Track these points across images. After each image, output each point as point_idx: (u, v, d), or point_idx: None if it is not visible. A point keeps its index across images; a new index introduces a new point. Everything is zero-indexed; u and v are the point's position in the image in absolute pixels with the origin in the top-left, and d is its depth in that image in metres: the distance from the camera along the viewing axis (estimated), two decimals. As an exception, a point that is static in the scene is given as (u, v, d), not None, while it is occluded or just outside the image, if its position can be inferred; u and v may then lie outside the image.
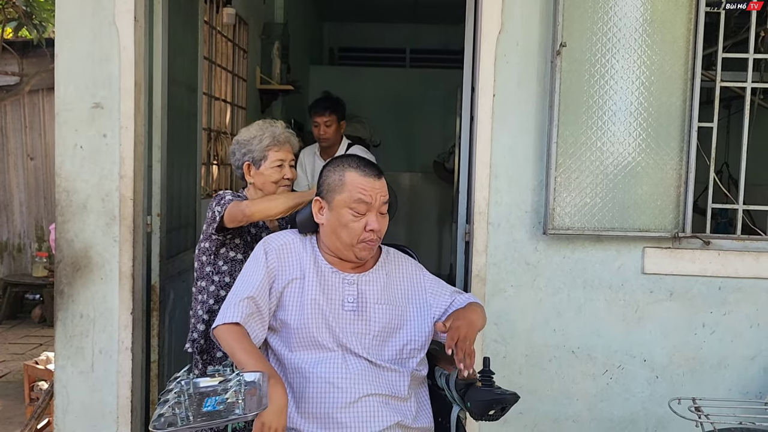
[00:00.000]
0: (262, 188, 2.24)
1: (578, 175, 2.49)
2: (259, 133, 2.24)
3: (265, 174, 2.22)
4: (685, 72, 2.48)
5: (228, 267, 2.25)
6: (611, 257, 2.54)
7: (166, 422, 1.33)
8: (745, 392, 2.53)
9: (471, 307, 1.84)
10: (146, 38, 2.61)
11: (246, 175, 2.25)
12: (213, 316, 2.18)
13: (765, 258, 2.51)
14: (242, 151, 2.24)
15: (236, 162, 2.27)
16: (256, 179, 2.24)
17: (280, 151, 2.23)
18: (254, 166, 2.23)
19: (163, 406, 1.37)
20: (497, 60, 2.52)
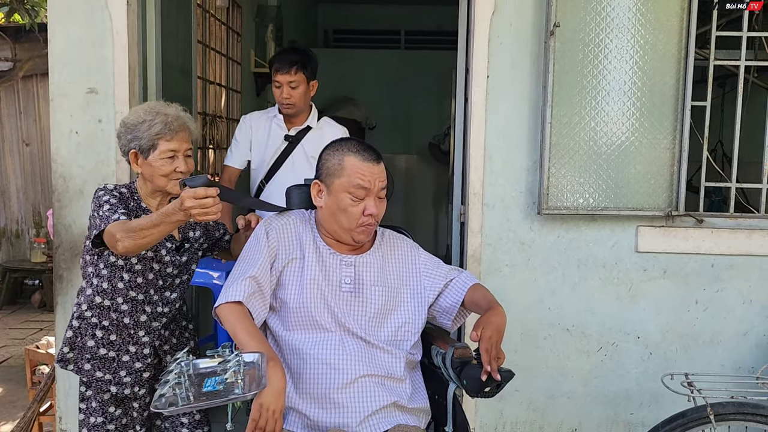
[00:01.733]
0: (150, 180, 1.97)
1: (572, 155, 2.50)
2: (149, 117, 1.94)
3: (153, 165, 1.94)
4: (679, 51, 2.48)
5: (108, 272, 1.98)
6: (605, 236, 2.57)
7: (167, 402, 1.36)
8: (737, 367, 2.57)
9: (495, 310, 1.77)
10: (139, 22, 2.60)
11: (132, 164, 1.98)
12: (83, 323, 1.99)
13: (758, 235, 2.54)
14: (128, 137, 1.95)
15: (122, 148, 1.99)
16: (144, 170, 1.96)
17: (172, 140, 1.93)
18: (141, 155, 1.95)
19: (163, 387, 1.40)
20: (491, 41, 2.52)
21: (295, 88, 2.74)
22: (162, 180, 1.96)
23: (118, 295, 1.99)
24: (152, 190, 2.00)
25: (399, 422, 1.79)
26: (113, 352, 2.00)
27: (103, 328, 2.00)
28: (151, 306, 2.03)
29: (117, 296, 1.99)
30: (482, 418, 2.63)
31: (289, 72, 2.72)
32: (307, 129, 2.85)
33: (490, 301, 1.82)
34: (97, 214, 1.91)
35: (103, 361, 2.00)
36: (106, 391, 2.00)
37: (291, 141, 2.83)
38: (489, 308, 1.77)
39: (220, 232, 2.21)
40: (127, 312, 2.00)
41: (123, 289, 1.99)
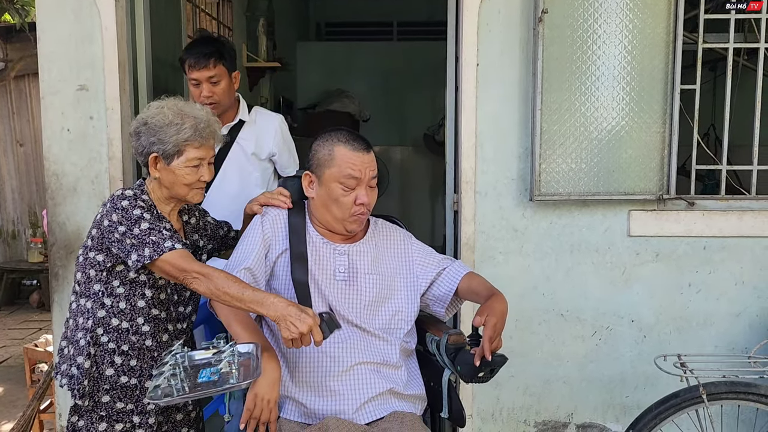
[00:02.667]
0: (169, 187, 1.82)
1: (563, 141, 2.51)
2: (178, 120, 1.77)
3: (177, 173, 1.80)
4: (668, 35, 2.49)
5: (126, 289, 1.82)
6: (597, 221, 2.58)
7: (163, 393, 1.37)
8: (731, 348, 2.59)
9: (497, 297, 1.79)
10: (128, 17, 2.60)
11: (150, 168, 1.82)
12: (100, 350, 1.82)
13: (749, 217, 2.55)
14: (150, 139, 1.78)
15: (140, 148, 1.82)
16: (164, 176, 1.81)
17: (201, 147, 1.79)
18: (164, 160, 1.79)
19: (158, 379, 1.41)
20: (480, 29, 2.52)
21: (216, 83, 2.39)
22: (183, 189, 1.82)
23: (138, 314, 1.82)
24: (168, 196, 1.86)
25: (395, 409, 1.80)
26: (135, 378, 1.83)
27: (122, 354, 1.82)
28: (172, 324, 1.90)
29: (137, 316, 1.82)
30: (479, 404, 2.66)
31: (207, 66, 2.36)
32: (240, 124, 2.53)
33: (489, 289, 1.84)
34: (129, 231, 1.70)
35: (124, 390, 1.83)
36: (128, 422, 1.83)
37: (225, 141, 2.38)
38: (491, 295, 1.78)
39: (224, 230, 2.10)
40: (149, 333, 1.83)
41: (144, 308, 1.83)
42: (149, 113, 1.81)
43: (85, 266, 1.83)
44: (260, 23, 5.32)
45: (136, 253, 1.70)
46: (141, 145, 1.81)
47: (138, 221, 1.73)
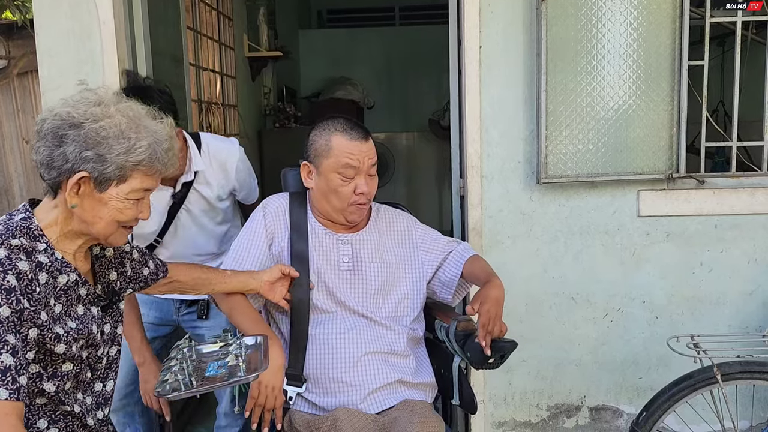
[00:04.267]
0: (88, 223, 1.26)
1: (569, 122, 2.47)
2: (132, 134, 1.24)
3: (109, 205, 1.26)
4: (674, 10, 2.44)
5: None
6: (606, 202, 2.54)
7: (171, 388, 1.36)
8: (744, 327, 2.56)
9: (492, 283, 1.76)
10: (126, 11, 2.57)
11: (68, 192, 1.23)
12: None
13: (761, 193, 2.51)
14: (85, 153, 1.20)
15: (58, 160, 1.21)
16: (86, 207, 1.25)
17: (153, 176, 1.29)
18: (95, 185, 1.24)
19: (166, 373, 1.40)
20: (482, 11, 2.48)
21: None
22: (109, 227, 1.28)
23: None
24: (78, 232, 1.29)
25: (405, 398, 1.79)
26: None
27: None
28: None
29: None
30: (491, 390, 2.64)
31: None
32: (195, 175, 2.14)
33: (488, 274, 1.81)
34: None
35: None
36: None
37: (179, 196, 2.15)
38: (487, 281, 1.76)
39: (150, 269, 1.53)
40: None
41: None
42: (87, 111, 1.23)
43: None
44: (261, 12, 5.28)
45: None
46: (63, 156, 1.21)
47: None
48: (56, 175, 1.23)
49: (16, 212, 1.27)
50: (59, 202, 1.26)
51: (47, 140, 1.22)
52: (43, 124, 1.23)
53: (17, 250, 1.19)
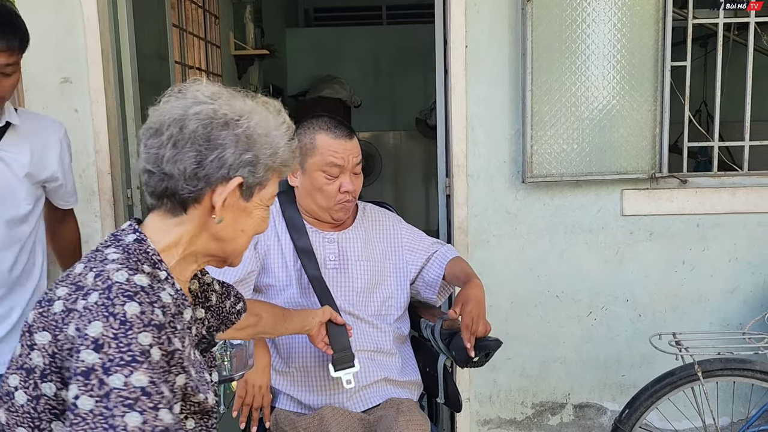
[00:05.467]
0: (228, 240, 1.08)
1: (554, 122, 2.49)
2: (275, 131, 1.07)
3: (253, 214, 1.08)
4: (657, 11, 2.46)
5: None
6: (590, 201, 2.57)
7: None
8: (725, 325, 2.59)
9: (472, 283, 1.76)
10: (110, 7, 2.55)
11: (221, 202, 1.02)
12: None
13: (741, 193, 2.54)
14: (246, 156, 1.02)
15: (213, 167, 1.01)
16: (231, 220, 1.06)
17: (279, 179, 1.13)
18: (243, 193, 1.05)
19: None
20: (467, 10, 2.49)
21: (10, 75, 1.68)
22: (249, 241, 1.12)
23: None
24: (208, 254, 1.09)
25: (391, 396, 1.80)
26: None
27: None
28: None
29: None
30: (476, 388, 2.66)
31: (11, 50, 1.64)
32: (6, 126, 1.77)
33: (468, 275, 1.82)
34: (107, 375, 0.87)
35: None
36: None
37: None
38: (466, 281, 1.77)
39: (230, 301, 1.31)
40: None
41: None
42: (238, 107, 1.03)
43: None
44: (247, 10, 5.26)
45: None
46: (219, 160, 1.01)
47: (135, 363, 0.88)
48: (203, 185, 1.00)
49: (122, 233, 1.03)
50: (189, 218, 1.03)
51: (195, 145, 0.99)
52: (182, 128, 0.99)
53: (154, 278, 0.97)
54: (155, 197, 1.02)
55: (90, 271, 0.95)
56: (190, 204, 1.02)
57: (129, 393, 0.84)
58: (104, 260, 0.97)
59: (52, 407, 0.92)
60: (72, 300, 0.93)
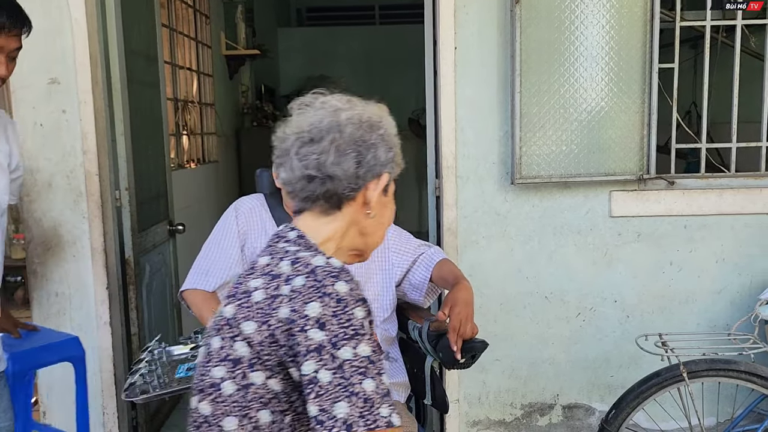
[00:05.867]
0: (371, 234, 1.17)
1: (543, 124, 2.50)
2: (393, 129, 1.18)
3: (388, 207, 1.19)
4: (645, 13, 2.47)
5: None
6: (579, 203, 2.58)
7: (139, 390, 1.36)
8: (713, 325, 2.61)
9: (460, 285, 1.76)
10: (98, 9, 2.54)
11: (377, 197, 1.13)
12: None
13: (728, 194, 2.56)
14: (390, 153, 1.14)
15: (369, 166, 1.11)
16: (379, 213, 1.16)
17: None
18: (385, 189, 1.16)
19: (134, 376, 1.39)
20: (457, 12, 2.49)
21: (15, 58, 1.71)
22: (381, 236, 1.19)
23: None
24: (347, 248, 1.17)
25: (378, 397, 1.80)
26: None
27: None
28: None
29: None
30: (465, 389, 2.66)
31: (20, 36, 1.68)
32: None
33: (456, 276, 1.82)
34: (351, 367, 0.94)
35: None
36: None
37: None
38: (455, 284, 1.77)
39: None
40: None
41: None
42: (374, 111, 1.14)
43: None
44: (239, 10, 5.26)
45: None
46: (375, 159, 1.11)
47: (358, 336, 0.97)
48: (361, 183, 1.10)
49: (282, 231, 1.11)
50: (342, 215, 1.11)
51: (355, 146, 1.09)
52: (341, 133, 1.08)
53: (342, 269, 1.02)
54: (310, 200, 1.10)
55: (281, 261, 1.03)
56: (345, 202, 1.10)
57: (359, 363, 0.93)
58: (287, 251, 1.05)
59: (261, 396, 0.98)
60: (273, 287, 0.99)
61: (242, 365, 0.98)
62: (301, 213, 1.12)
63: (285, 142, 1.11)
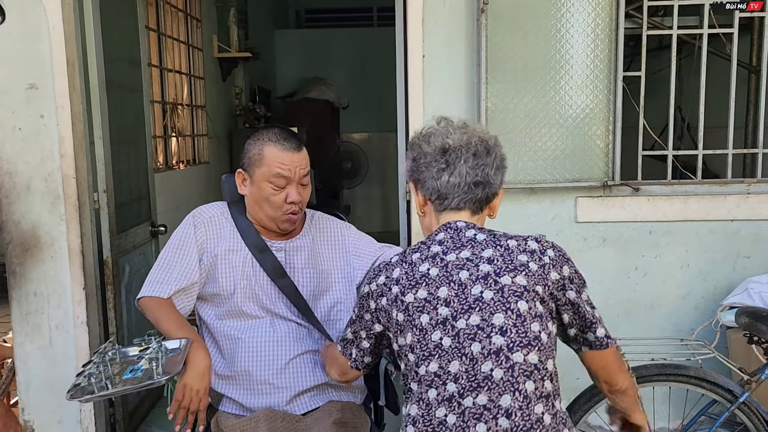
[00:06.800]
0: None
1: (509, 130, 2.54)
2: None
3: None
4: (610, 22, 2.51)
5: None
6: (545, 208, 2.62)
7: (84, 391, 1.41)
8: (677, 330, 2.64)
9: None
10: (77, 14, 2.61)
11: (497, 205, 1.50)
12: None
13: (693, 201, 2.59)
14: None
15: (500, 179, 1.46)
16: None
17: None
18: None
19: (80, 377, 1.45)
20: (425, 20, 2.54)
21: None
22: None
23: None
24: None
25: (332, 399, 1.85)
26: None
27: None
28: None
29: None
30: (434, 390, 2.70)
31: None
32: None
33: None
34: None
35: None
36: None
37: None
38: None
39: None
40: None
41: None
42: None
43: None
44: (231, 13, 5.32)
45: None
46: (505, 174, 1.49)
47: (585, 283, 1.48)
48: (495, 191, 1.44)
49: (465, 229, 1.41)
50: (482, 216, 1.47)
51: (504, 163, 1.45)
52: (498, 150, 1.43)
53: None
54: (471, 202, 1.41)
55: (507, 241, 1.38)
56: (485, 206, 1.45)
57: (591, 299, 1.43)
58: (498, 235, 1.41)
59: (554, 340, 1.37)
60: (536, 259, 1.35)
61: (545, 319, 1.31)
62: (459, 211, 1.42)
63: (426, 157, 1.40)
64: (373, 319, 1.41)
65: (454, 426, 1.21)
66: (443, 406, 1.23)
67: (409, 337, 1.33)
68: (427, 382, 1.28)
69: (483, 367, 1.24)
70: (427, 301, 1.32)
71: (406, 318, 1.33)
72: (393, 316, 1.36)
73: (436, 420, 1.23)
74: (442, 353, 1.27)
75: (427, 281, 1.34)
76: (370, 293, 1.41)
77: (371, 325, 1.42)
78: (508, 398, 1.20)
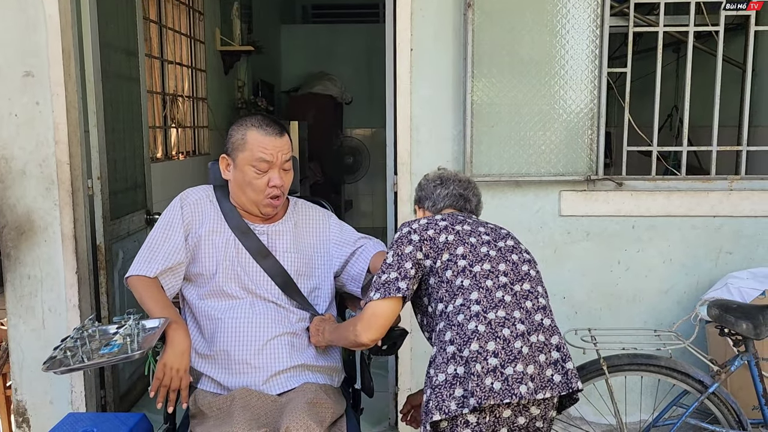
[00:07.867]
0: None
1: (495, 124, 2.58)
2: None
3: None
4: (595, 19, 2.54)
5: None
6: (530, 201, 2.65)
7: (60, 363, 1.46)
8: (659, 323, 2.67)
9: None
10: (73, 4, 2.66)
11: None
12: None
13: (676, 196, 2.62)
14: None
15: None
16: None
17: None
18: None
19: (57, 350, 1.50)
20: (414, 14, 2.58)
21: None
22: None
23: None
24: None
25: (307, 380, 1.89)
26: None
27: None
28: None
29: None
30: (418, 378, 2.75)
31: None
32: None
33: None
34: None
35: None
36: None
37: None
38: None
39: None
40: None
41: None
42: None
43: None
44: (234, 7, 5.37)
45: None
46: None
47: None
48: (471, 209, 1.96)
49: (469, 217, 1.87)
50: None
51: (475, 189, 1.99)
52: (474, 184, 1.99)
53: None
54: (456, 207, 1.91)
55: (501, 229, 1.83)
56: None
57: None
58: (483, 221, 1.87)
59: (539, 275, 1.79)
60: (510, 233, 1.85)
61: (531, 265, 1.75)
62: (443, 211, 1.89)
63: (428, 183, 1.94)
64: (415, 249, 1.69)
65: (485, 332, 1.56)
66: (473, 321, 1.57)
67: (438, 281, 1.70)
68: (455, 312, 1.62)
69: (496, 294, 1.63)
70: (450, 261, 1.68)
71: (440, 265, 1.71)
72: (440, 240, 1.70)
73: (470, 331, 1.56)
74: (464, 291, 1.63)
75: (447, 246, 1.71)
76: (411, 230, 1.72)
77: (414, 253, 1.69)
78: (517, 312, 1.61)
